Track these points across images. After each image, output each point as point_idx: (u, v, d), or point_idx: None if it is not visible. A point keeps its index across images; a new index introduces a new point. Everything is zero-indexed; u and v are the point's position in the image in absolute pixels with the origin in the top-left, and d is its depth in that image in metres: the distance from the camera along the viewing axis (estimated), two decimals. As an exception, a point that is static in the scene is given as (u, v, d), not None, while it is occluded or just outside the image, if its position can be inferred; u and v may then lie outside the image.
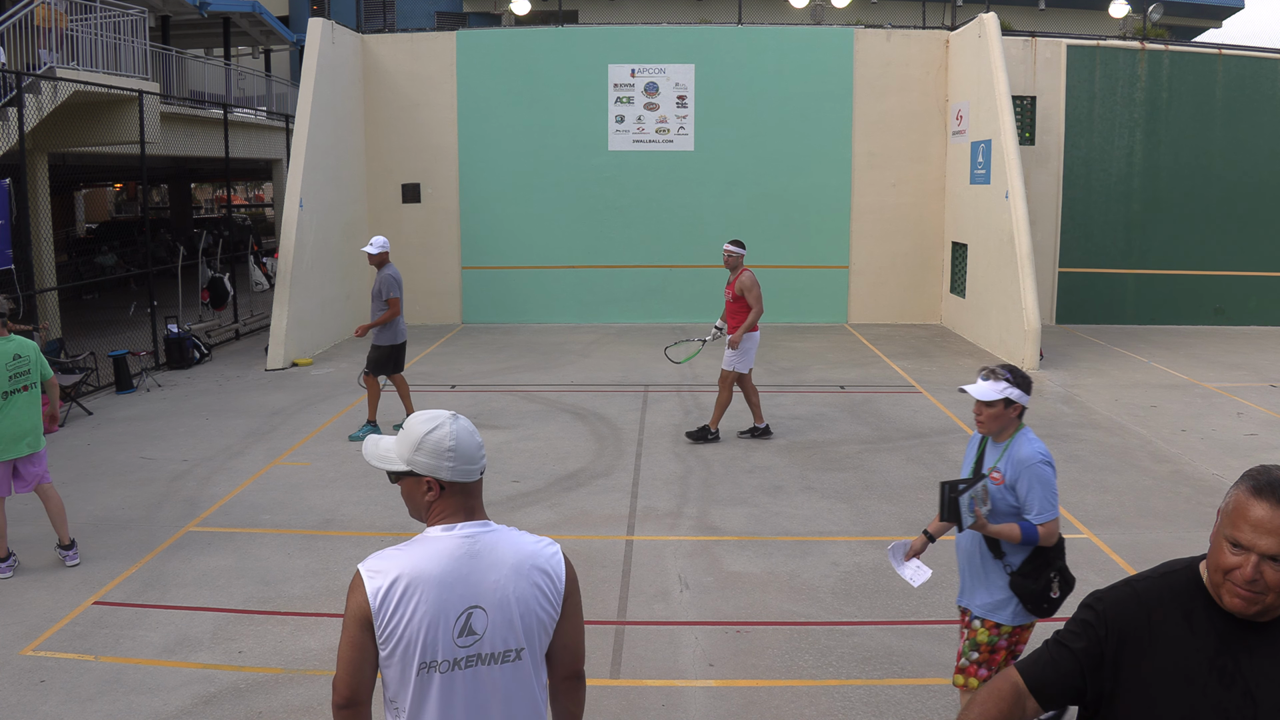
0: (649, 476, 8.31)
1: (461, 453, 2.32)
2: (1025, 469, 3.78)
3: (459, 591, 2.25)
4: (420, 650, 2.22)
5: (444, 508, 2.34)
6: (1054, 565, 3.82)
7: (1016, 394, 3.83)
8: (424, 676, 2.23)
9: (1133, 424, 10.01)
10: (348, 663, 2.23)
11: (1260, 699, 1.88)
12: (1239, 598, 1.88)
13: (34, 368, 6.33)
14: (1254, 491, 1.87)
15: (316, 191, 14.40)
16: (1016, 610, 3.83)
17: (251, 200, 50.41)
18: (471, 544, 2.30)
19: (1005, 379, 3.85)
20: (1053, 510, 3.77)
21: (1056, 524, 3.80)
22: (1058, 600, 3.83)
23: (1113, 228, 16.34)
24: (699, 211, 16.73)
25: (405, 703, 2.24)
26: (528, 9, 18.58)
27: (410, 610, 2.21)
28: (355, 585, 2.25)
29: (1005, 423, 3.88)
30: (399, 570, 2.25)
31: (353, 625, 2.23)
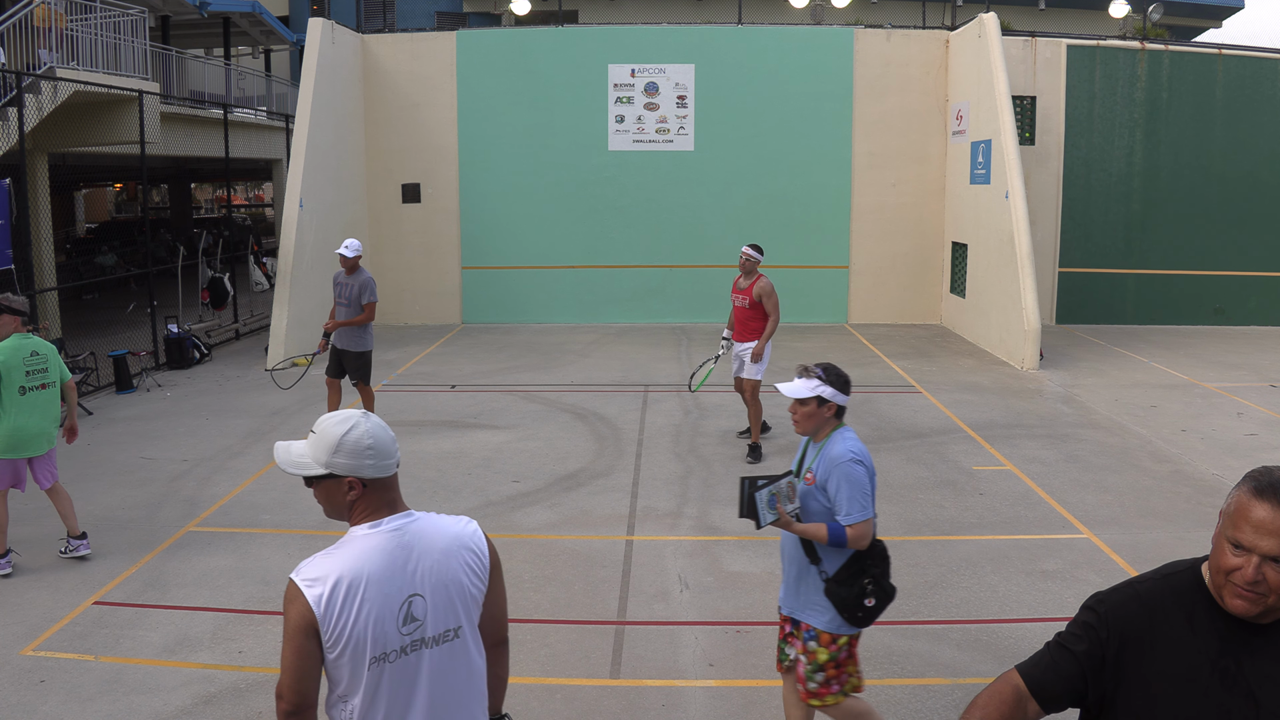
0: (649, 476, 8.31)
1: (380, 449, 2.36)
2: (835, 467, 3.66)
3: (398, 583, 2.31)
4: (370, 646, 2.27)
5: (367, 505, 2.37)
6: (869, 573, 3.68)
7: (829, 392, 3.73)
8: (375, 670, 2.29)
9: (1133, 424, 10.01)
10: (295, 670, 2.25)
11: (1262, 700, 1.88)
12: (1241, 599, 1.88)
13: (53, 367, 6.38)
14: (1255, 493, 1.87)
15: (316, 191, 14.40)
16: (834, 619, 3.70)
17: (251, 200, 50.40)
18: (401, 536, 2.36)
19: (818, 376, 3.76)
20: (863, 511, 3.63)
21: (868, 526, 3.65)
22: (873, 610, 3.68)
23: (1113, 228, 16.34)
24: (699, 211, 16.73)
25: (357, 697, 2.29)
26: (528, 9, 18.58)
27: (355, 610, 2.25)
28: (293, 596, 2.26)
29: (820, 422, 3.77)
30: (338, 573, 2.27)
31: (298, 634, 2.24)
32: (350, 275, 9.19)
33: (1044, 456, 8.86)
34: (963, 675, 4.97)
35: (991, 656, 5.17)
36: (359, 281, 9.13)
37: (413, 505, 2.51)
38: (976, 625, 5.54)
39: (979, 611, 5.72)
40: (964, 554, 6.59)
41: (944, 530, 7.05)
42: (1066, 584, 6.08)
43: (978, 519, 7.28)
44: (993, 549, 6.67)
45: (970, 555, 6.57)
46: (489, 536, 2.54)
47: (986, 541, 6.82)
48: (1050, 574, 6.25)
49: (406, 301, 17.02)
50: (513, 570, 6.34)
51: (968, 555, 6.57)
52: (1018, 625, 5.53)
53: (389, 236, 16.91)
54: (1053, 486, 8.00)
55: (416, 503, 8.01)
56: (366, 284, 9.15)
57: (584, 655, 5.23)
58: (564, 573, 6.29)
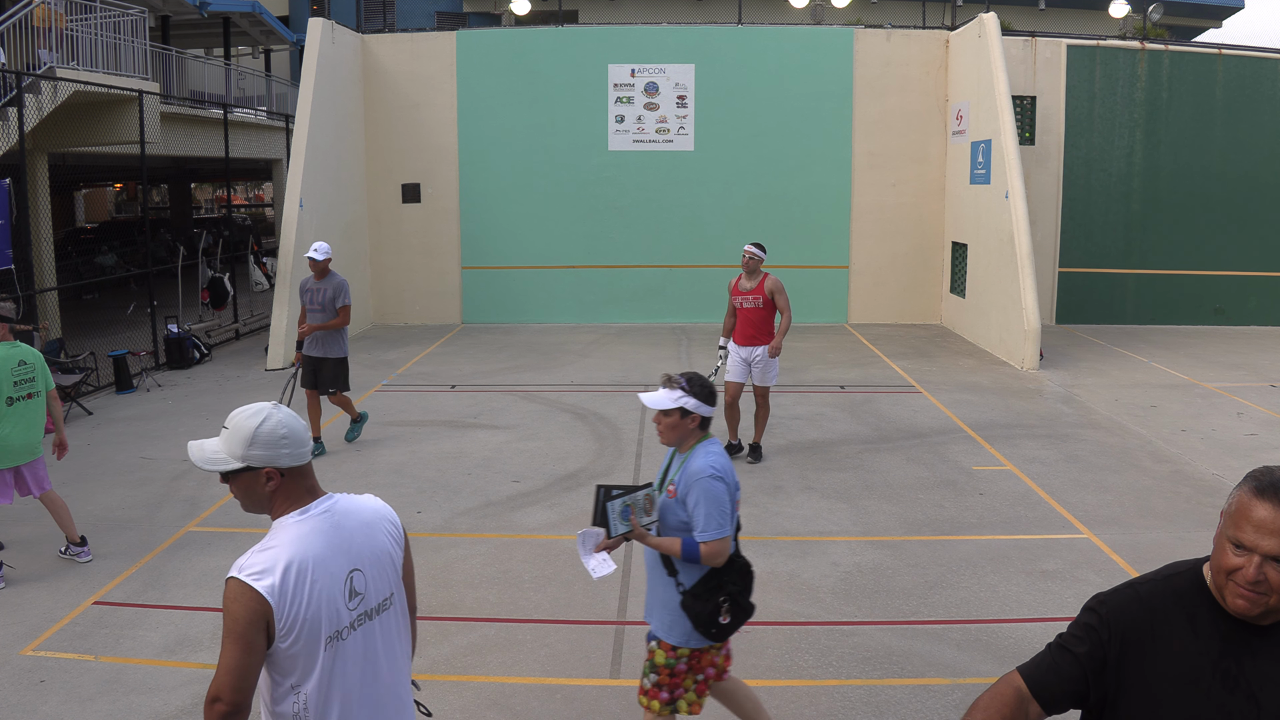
0: (649, 476, 8.29)
1: (294, 438, 2.42)
2: (694, 482, 3.57)
3: (340, 561, 2.39)
4: (324, 626, 2.34)
5: (288, 494, 2.43)
6: (727, 589, 3.61)
7: (693, 404, 3.63)
8: (330, 650, 2.36)
9: (1133, 424, 10.01)
10: (238, 670, 2.25)
11: (1264, 702, 1.88)
12: (1242, 599, 1.88)
13: (39, 377, 6.32)
14: (1257, 492, 1.87)
15: (316, 191, 14.40)
16: (688, 632, 3.63)
17: (251, 200, 50.40)
18: (330, 518, 2.44)
19: (681, 387, 3.65)
20: (718, 529, 3.54)
21: (723, 544, 3.56)
22: (728, 627, 3.63)
23: (1113, 228, 16.34)
24: (699, 211, 16.73)
25: (310, 683, 2.34)
26: (528, 9, 18.58)
27: (307, 592, 2.31)
28: (239, 593, 2.27)
29: (684, 433, 3.69)
30: (285, 560, 2.31)
31: (247, 631, 2.25)
32: (321, 279, 8.80)
33: (1044, 456, 8.86)
34: (963, 675, 4.97)
35: (991, 656, 5.17)
36: (332, 285, 8.78)
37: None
38: (976, 625, 5.54)
39: (979, 611, 5.72)
40: (964, 554, 6.59)
41: (944, 530, 7.05)
42: (1066, 584, 6.08)
43: (978, 519, 7.28)
44: (993, 549, 6.67)
45: (970, 555, 6.57)
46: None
47: (986, 541, 6.82)
48: (1050, 574, 6.25)
49: (406, 301, 17.03)
50: (513, 570, 6.34)
51: (968, 555, 6.57)
52: (1018, 625, 5.53)
53: (389, 236, 16.91)
54: (1053, 486, 8.00)
55: (417, 503, 8.03)
56: (341, 287, 8.80)
57: (584, 655, 5.23)
58: (564, 573, 6.29)
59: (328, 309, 8.77)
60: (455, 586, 6.10)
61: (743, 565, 3.74)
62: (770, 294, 8.41)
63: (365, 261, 16.68)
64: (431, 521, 7.20)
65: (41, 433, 6.37)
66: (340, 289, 8.77)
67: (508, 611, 5.74)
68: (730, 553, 3.67)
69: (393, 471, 8.46)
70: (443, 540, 6.82)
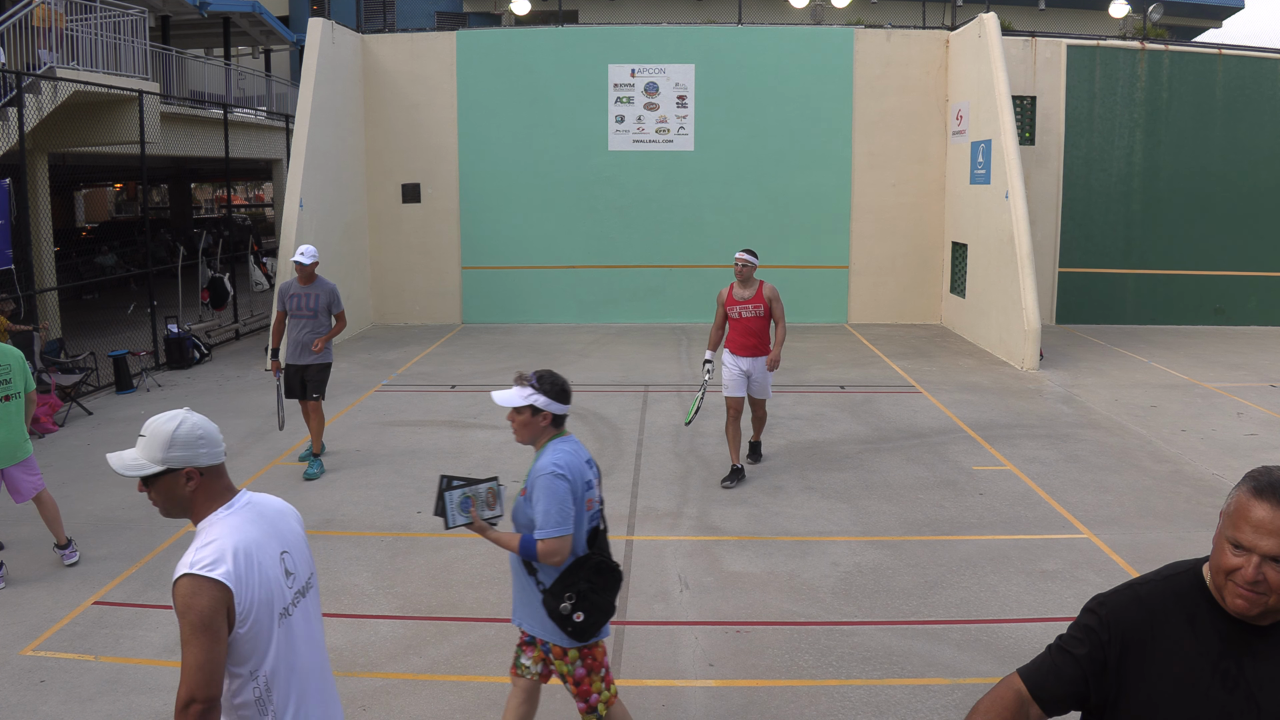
0: (649, 476, 8.31)
1: (210, 438, 2.57)
2: (537, 479, 3.56)
3: (273, 544, 2.56)
4: (274, 603, 2.50)
5: (209, 492, 2.55)
6: (576, 587, 3.58)
7: (543, 401, 3.62)
8: (282, 627, 2.52)
9: (1133, 424, 10.01)
10: (208, 664, 2.32)
11: (1263, 703, 1.88)
12: (1241, 599, 1.88)
13: (17, 377, 6.29)
14: (1255, 492, 1.87)
15: (316, 191, 14.40)
16: (558, 632, 3.64)
17: (251, 200, 50.40)
18: (253, 509, 2.60)
19: (531, 385, 3.65)
20: (557, 527, 3.50)
21: (560, 544, 3.52)
22: (585, 625, 3.59)
23: (1113, 228, 16.34)
24: (699, 211, 16.73)
25: (267, 663, 2.47)
26: (528, 9, 18.58)
27: (256, 574, 2.47)
28: (198, 587, 2.36)
29: (536, 431, 3.67)
30: (231, 547, 2.44)
31: (213, 621, 2.34)
32: (308, 284, 8.37)
33: (1044, 456, 8.86)
34: (963, 675, 4.97)
35: (991, 656, 5.17)
36: (323, 290, 8.39)
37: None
38: (976, 625, 5.54)
39: (979, 611, 5.72)
40: (964, 554, 6.59)
41: (944, 530, 7.05)
42: (1066, 584, 6.08)
43: (978, 519, 7.28)
44: (993, 549, 6.68)
45: (970, 555, 6.57)
46: None
47: (986, 541, 6.82)
48: (1050, 574, 6.25)
49: (406, 301, 17.03)
50: (513, 570, 6.34)
51: (968, 555, 6.57)
52: (1018, 625, 5.53)
53: (389, 236, 16.91)
54: (1053, 486, 8.00)
55: (417, 503, 8.02)
56: (333, 292, 8.45)
57: (584, 655, 5.22)
58: (564, 573, 6.29)
59: (319, 314, 8.38)
60: (455, 586, 6.09)
61: (598, 563, 3.68)
62: (769, 300, 8.06)
63: (365, 261, 16.68)
64: (431, 521, 7.19)
65: (23, 434, 6.31)
66: (333, 294, 8.45)
67: (508, 611, 5.73)
68: (578, 553, 3.65)
69: (393, 471, 8.46)
70: (443, 540, 6.82)
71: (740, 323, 8.08)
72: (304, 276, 8.37)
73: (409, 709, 4.70)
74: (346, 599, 5.88)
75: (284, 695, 2.51)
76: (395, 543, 6.80)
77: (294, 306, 8.39)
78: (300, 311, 8.39)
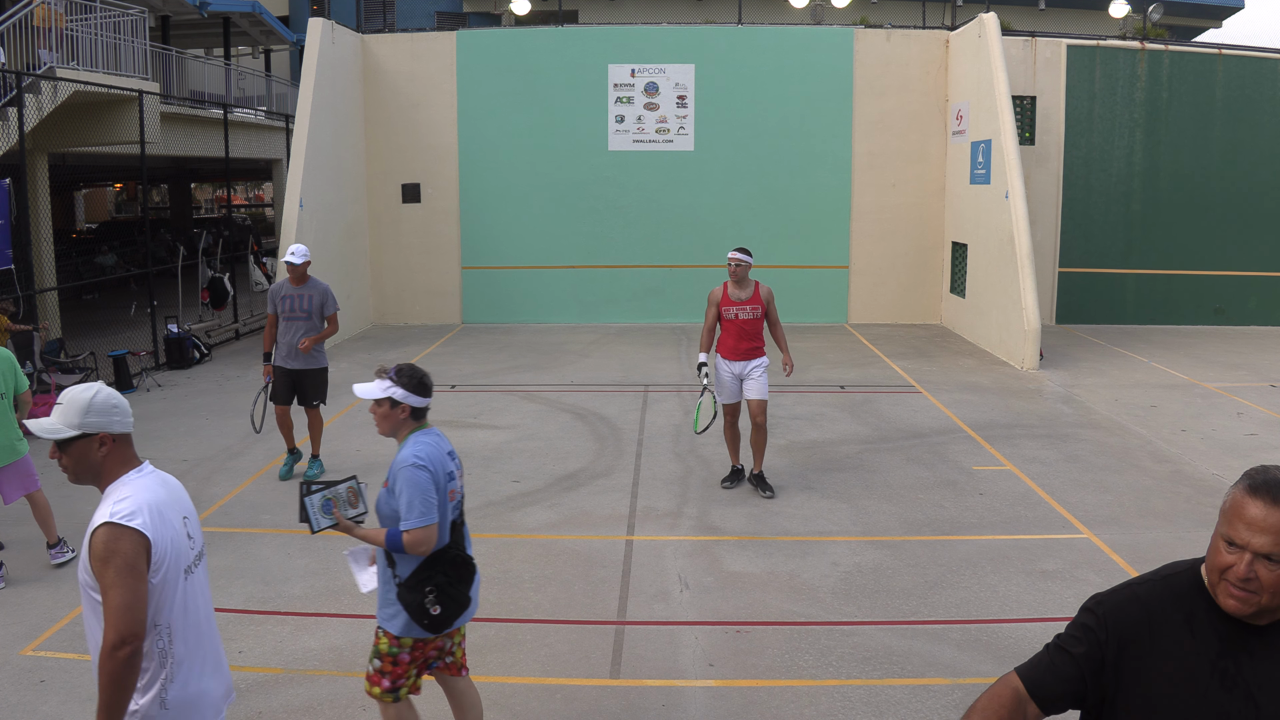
0: (649, 476, 8.31)
1: (123, 408, 2.77)
2: (399, 471, 3.61)
3: (175, 508, 2.77)
4: (178, 558, 2.70)
5: (119, 458, 2.74)
6: (434, 580, 3.61)
7: (401, 394, 3.68)
8: (185, 581, 2.73)
9: (1133, 424, 10.01)
10: (134, 603, 2.52)
11: (1262, 703, 1.88)
12: (1233, 597, 1.88)
13: (6, 379, 6.28)
14: (1250, 490, 1.88)
15: (316, 191, 14.40)
16: (407, 623, 3.65)
17: (251, 200, 50.41)
18: (157, 476, 2.82)
19: (390, 378, 3.71)
20: (421, 517, 3.54)
21: (426, 533, 3.56)
22: (440, 618, 3.62)
23: (1113, 228, 16.34)
24: (699, 211, 16.73)
25: (172, 612, 2.67)
26: (528, 9, 18.58)
27: (167, 529, 2.68)
28: (120, 533, 2.57)
29: (396, 423, 3.74)
30: (146, 501, 2.65)
31: (137, 562, 2.55)
32: (300, 285, 8.12)
33: (1044, 456, 8.86)
34: (963, 675, 4.97)
35: (991, 656, 5.17)
36: (317, 291, 8.14)
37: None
38: (976, 625, 5.54)
39: (979, 611, 5.72)
40: (964, 554, 6.59)
41: (944, 530, 7.06)
42: (1066, 584, 6.08)
43: (978, 519, 7.29)
44: (993, 549, 6.68)
45: (970, 555, 6.57)
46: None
47: (986, 541, 6.82)
48: (1050, 574, 6.25)
49: (406, 301, 17.03)
50: (513, 570, 6.34)
51: (968, 555, 6.57)
52: (1018, 625, 5.53)
53: (389, 236, 16.91)
54: (1053, 486, 8.00)
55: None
56: (326, 293, 8.19)
57: (584, 655, 5.22)
58: (564, 573, 6.29)
59: (313, 316, 8.13)
60: (455, 586, 6.09)
61: (455, 556, 3.72)
62: (766, 302, 7.76)
63: (365, 261, 16.68)
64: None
65: (15, 433, 6.30)
66: (326, 295, 8.19)
67: (508, 611, 5.74)
68: (444, 543, 3.69)
69: (393, 471, 8.45)
70: (443, 540, 6.82)
71: (736, 324, 7.74)
72: (296, 277, 8.11)
73: (409, 709, 4.70)
74: (346, 599, 5.88)
75: (182, 647, 2.70)
76: (395, 543, 6.79)
77: (286, 309, 8.09)
78: (294, 314, 8.09)
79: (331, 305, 8.22)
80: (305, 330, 8.10)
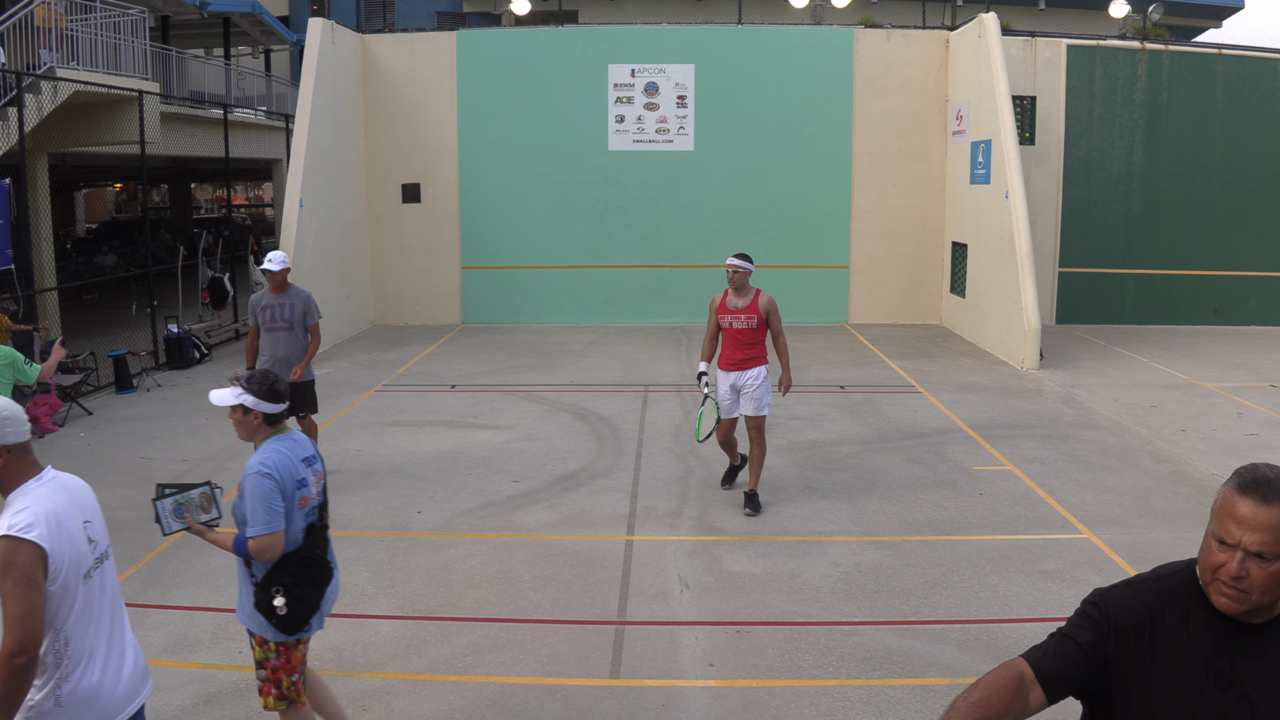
0: (649, 476, 8.31)
1: (14, 418, 2.77)
2: (245, 479, 3.66)
3: (76, 513, 2.81)
4: (77, 564, 2.75)
5: (17, 467, 2.77)
6: (280, 580, 3.66)
7: (251, 400, 3.73)
8: (85, 586, 2.78)
9: (1133, 424, 10.01)
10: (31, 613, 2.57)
11: (1257, 702, 1.89)
12: (1226, 595, 1.89)
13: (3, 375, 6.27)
14: (1240, 488, 1.89)
15: (316, 191, 14.40)
16: (264, 624, 3.71)
17: (251, 200, 50.42)
18: (58, 481, 2.84)
19: (241, 385, 3.76)
20: (264, 525, 3.59)
21: (271, 540, 3.61)
22: (289, 619, 3.66)
23: (1113, 228, 16.34)
24: (699, 211, 16.74)
25: (70, 617, 2.74)
26: (528, 9, 18.58)
27: (65, 537, 2.72)
28: (17, 547, 2.60)
29: (251, 429, 3.78)
30: (43, 512, 2.69)
31: (34, 574, 2.60)
32: (280, 293, 7.74)
33: (1044, 456, 8.86)
34: (963, 675, 4.97)
35: (991, 656, 5.17)
36: (299, 299, 7.77)
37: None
38: (976, 625, 5.54)
39: (979, 611, 5.72)
40: (964, 554, 6.59)
41: (944, 530, 7.06)
42: (1066, 584, 6.09)
43: (978, 519, 7.29)
44: (993, 549, 6.68)
45: (970, 555, 6.57)
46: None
47: (986, 541, 6.82)
48: (1050, 574, 6.25)
49: (406, 301, 17.03)
50: (513, 570, 6.35)
51: (968, 555, 6.57)
52: (1018, 625, 5.53)
53: (389, 236, 16.91)
54: (1053, 486, 8.00)
55: (417, 503, 8.02)
56: (308, 301, 7.80)
57: (584, 655, 5.23)
58: (564, 573, 6.29)
59: (295, 326, 7.76)
60: (455, 586, 6.10)
61: (305, 558, 3.76)
62: (765, 313, 7.30)
63: (365, 261, 16.68)
64: (431, 521, 7.21)
65: None
66: (309, 304, 7.79)
67: (508, 611, 5.74)
68: (295, 545, 3.73)
69: (392, 471, 8.47)
70: (443, 540, 6.82)
71: (732, 334, 7.33)
72: (275, 285, 7.71)
73: (409, 709, 4.71)
74: (346, 599, 5.88)
75: (80, 648, 2.78)
76: (395, 543, 6.80)
77: (267, 319, 7.73)
78: (275, 324, 7.70)
79: (314, 315, 7.82)
80: (288, 342, 7.71)
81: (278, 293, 7.75)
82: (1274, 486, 1.86)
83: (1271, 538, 1.83)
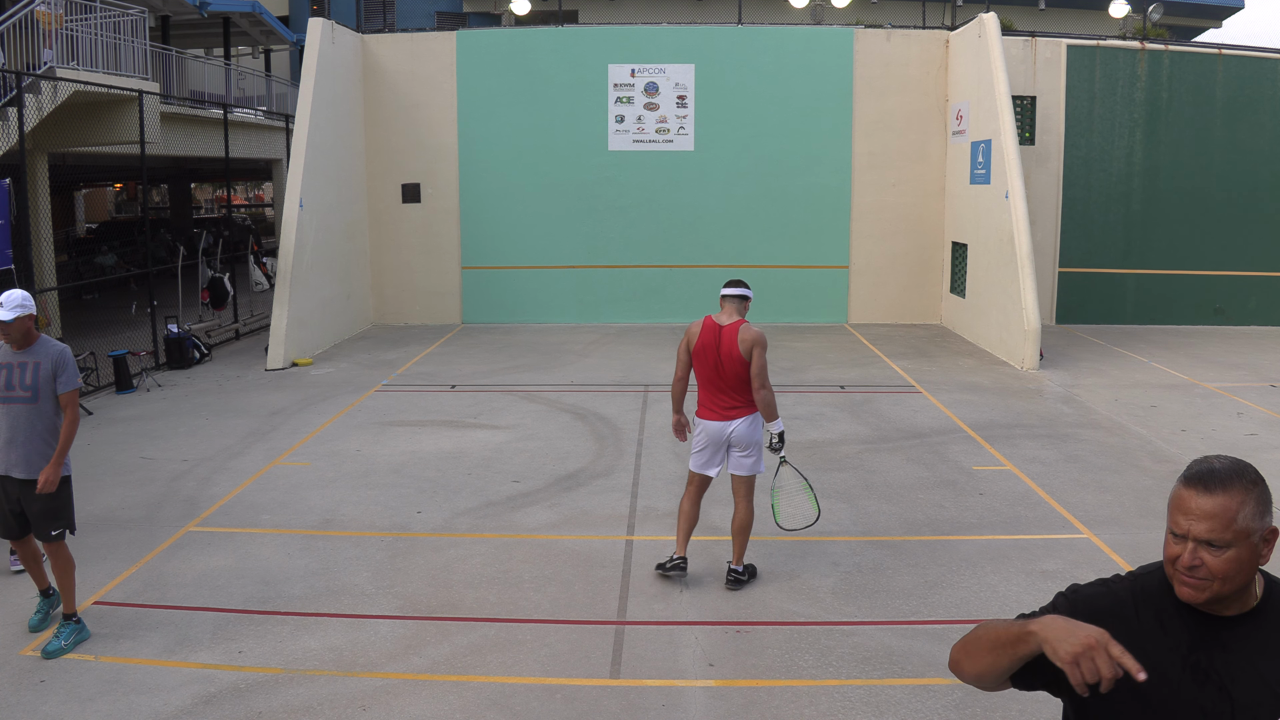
0: (649, 476, 8.31)
1: None
2: None
3: None
4: None
5: None
6: None
7: None
8: None
9: (1133, 424, 10.01)
10: None
11: (1235, 695, 1.91)
12: (1186, 585, 1.92)
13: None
14: (1186, 481, 1.95)
15: (316, 191, 14.40)
16: None
17: (251, 200, 50.41)
18: None
19: None
20: None
21: None
22: None
23: (1113, 228, 16.34)
24: (699, 211, 16.73)
25: None
26: (528, 9, 18.58)
27: None
28: None
29: None
30: None
31: None
32: (20, 349, 5.22)
33: (1044, 456, 8.86)
34: (963, 675, 4.97)
35: (991, 656, 5.16)
36: (47, 358, 5.23)
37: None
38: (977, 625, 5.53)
39: (979, 611, 5.72)
40: (964, 554, 6.59)
41: (944, 530, 7.06)
42: (1066, 584, 6.06)
43: (978, 519, 7.29)
44: (993, 549, 6.68)
45: (970, 555, 6.57)
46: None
47: (986, 541, 6.82)
48: (1050, 574, 6.25)
49: (406, 301, 17.03)
50: (513, 570, 6.35)
51: (968, 555, 6.57)
52: (1018, 625, 5.52)
53: (389, 236, 16.91)
54: (1053, 486, 8.00)
55: (417, 503, 8.02)
56: (61, 359, 5.26)
57: (584, 655, 5.23)
58: (564, 573, 6.29)
59: (41, 398, 5.20)
60: (455, 586, 6.10)
61: None
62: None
63: (365, 261, 16.68)
64: (431, 521, 7.21)
65: None
66: (61, 362, 5.25)
67: (508, 611, 5.74)
68: None
69: (392, 471, 8.46)
70: (443, 540, 6.82)
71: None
72: (13, 338, 5.18)
73: (409, 709, 4.71)
74: (346, 599, 5.88)
75: None
76: (395, 543, 6.80)
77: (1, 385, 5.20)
78: (10, 394, 5.19)
79: (69, 380, 5.27)
80: (28, 417, 5.18)
81: (18, 348, 5.22)
82: (1217, 475, 1.91)
83: (1218, 525, 1.88)
